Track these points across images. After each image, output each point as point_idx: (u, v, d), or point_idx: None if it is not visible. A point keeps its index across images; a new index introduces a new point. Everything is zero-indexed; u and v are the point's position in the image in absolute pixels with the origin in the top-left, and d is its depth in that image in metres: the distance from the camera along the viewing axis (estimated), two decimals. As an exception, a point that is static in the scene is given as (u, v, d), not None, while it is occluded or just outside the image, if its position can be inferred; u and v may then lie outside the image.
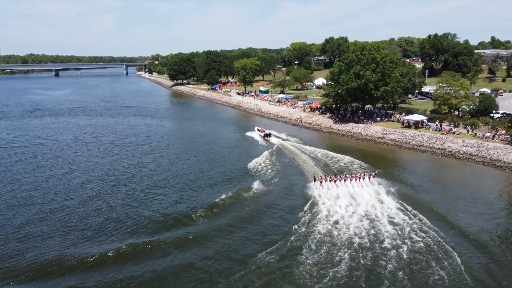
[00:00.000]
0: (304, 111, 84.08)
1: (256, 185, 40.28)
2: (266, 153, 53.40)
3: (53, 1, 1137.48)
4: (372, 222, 31.63)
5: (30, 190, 40.07)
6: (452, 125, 60.00)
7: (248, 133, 68.48)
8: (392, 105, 74.13)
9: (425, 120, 62.76)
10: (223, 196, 36.94)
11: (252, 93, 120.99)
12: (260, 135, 65.08)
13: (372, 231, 30.15)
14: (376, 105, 73.20)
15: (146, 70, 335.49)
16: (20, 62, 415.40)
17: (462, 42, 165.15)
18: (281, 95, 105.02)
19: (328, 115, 76.21)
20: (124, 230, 31.05)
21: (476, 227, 31.10)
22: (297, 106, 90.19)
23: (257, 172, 45.27)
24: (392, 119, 68.71)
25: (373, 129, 63.94)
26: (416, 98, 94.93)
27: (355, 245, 28.16)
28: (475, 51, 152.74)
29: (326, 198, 36.17)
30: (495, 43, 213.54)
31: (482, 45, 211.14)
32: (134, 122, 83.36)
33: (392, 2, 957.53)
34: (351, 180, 39.20)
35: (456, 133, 56.88)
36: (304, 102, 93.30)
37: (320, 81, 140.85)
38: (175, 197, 37.92)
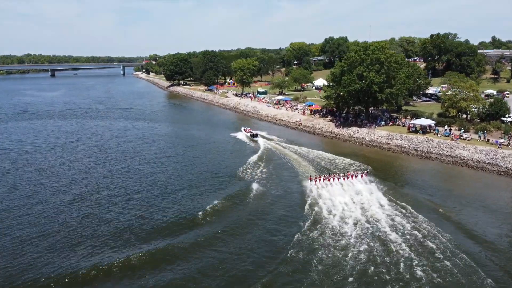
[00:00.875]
0: (303, 113, 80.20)
1: (254, 187, 40.06)
2: (260, 155, 52.87)
3: (51, 1, 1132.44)
4: (376, 223, 31.97)
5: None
6: (462, 130, 56.19)
7: (234, 134, 68.39)
8: (396, 107, 70.29)
9: (433, 125, 58.96)
10: (220, 200, 36.36)
11: (250, 95, 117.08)
12: (247, 135, 65.01)
13: (374, 230, 30.64)
14: (379, 108, 69.49)
15: (144, 70, 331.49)
16: (17, 62, 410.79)
17: (463, 42, 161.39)
18: (280, 97, 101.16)
19: (329, 118, 72.33)
20: (117, 241, 29.41)
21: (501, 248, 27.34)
22: (296, 109, 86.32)
23: (252, 175, 44.62)
24: (397, 123, 64.88)
25: (378, 134, 60.08)
26: (420, 100, 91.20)
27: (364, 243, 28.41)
28: (478, 51, 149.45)
29: (326, 196, 37.24)
30: (496, 43, 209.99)
31: (483, 45, 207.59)
32: (124, 126, 79.30)
33: (389, 2, 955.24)
34: (344, 178, 40.61)
35: (467, 139, 53.03)
36: (304, 104, 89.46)
37: (320, 82, 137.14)
38: (169, 203, 36.52)
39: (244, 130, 67.59)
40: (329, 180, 40.10)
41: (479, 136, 53.42)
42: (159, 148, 59.33)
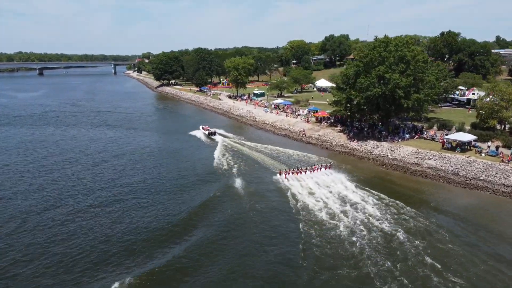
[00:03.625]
0: (307, 121, 67.88)
1: (231, 185, 39.82)
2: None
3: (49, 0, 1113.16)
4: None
5: None
6: (513, 147, 44.27)
7: (193, 132, 67.80)
8: (420, 116, 58.36)
9: (473, 141, 46.95)
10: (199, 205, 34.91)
11: (245, 97, 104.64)
12: (205, 133, 65.28)
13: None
14: (398, 116, 57.50)
15: (136, 69, 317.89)
16: (6, 60, 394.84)
17: (476, 40, 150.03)
18: (279, 100, 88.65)
19: (339, 128, 60.04)
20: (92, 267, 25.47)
21: None
22: (298, 115, 74.01)
23: (225, 175, 43.86)
24: (424, 135, 52.90)
25: (403, 151, 47.91)
26: (439, 105, 79.30)
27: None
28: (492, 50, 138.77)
29: (300, 187, 39.20)
30: (501, 42, 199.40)
31: (489, 45, 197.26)
32: (95, 135, 66.62)
33: (388, 1, 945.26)
34: (311, 171, 43.00)
35: (524, 160, 41.05)
36: (307, 109, 77.17)
37: (322, 82, 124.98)
38: (149, 214, 33.81)
39: (203, 128, 67.76)
40: (297, 173, 42.32)
41: (537, 157, 41.47)
42: (128, 164, 46.96)
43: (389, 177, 43.26)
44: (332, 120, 63.93)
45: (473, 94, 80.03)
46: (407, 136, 52.35)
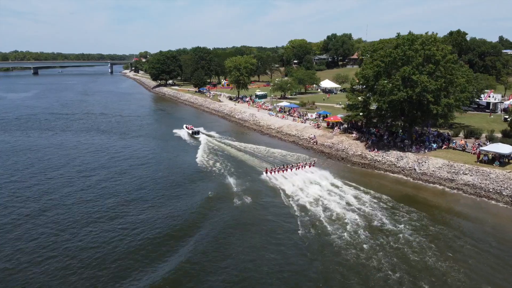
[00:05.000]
0: (317, 127, 61.88)
1: (216, 188, 38.64)
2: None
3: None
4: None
5: None
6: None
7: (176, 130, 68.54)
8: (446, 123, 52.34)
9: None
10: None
11: (247, 99, 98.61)
12: (188, 133, 65.48)
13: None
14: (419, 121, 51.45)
15: (132, 68, 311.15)
16: (0, 59, 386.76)
17: (486, 40, 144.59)
18: (285, 103, 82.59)
19: (354, 135, 54.05)
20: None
21: None
22: (306, 119, 68.04)
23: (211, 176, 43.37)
24: (453, 145, 46.99)
25: (432, 164, 41.94)
26: (463, 110, 73.30)
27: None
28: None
29: (290, 184, 39.18)
30: (505, 43, 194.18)
31: (499, 45, 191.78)
32: (84, 142, 60.27)
33: (386, 1, 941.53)
34: (296, 168, 43.27)
35: None
36: (316, 113, 71.19)
37: (326, 83, 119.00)
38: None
39: (186, 127, 67.82)
40: (283, 171, 42.57)
41: None
42: (118, 178, 40.75)
43: (425, 195, 37.14)
44: (345, 126, 57.96)
45: (490, 97, 74.57)
46: (434, 146, 46.41)
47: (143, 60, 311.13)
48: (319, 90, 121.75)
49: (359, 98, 52.18)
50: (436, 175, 40.25)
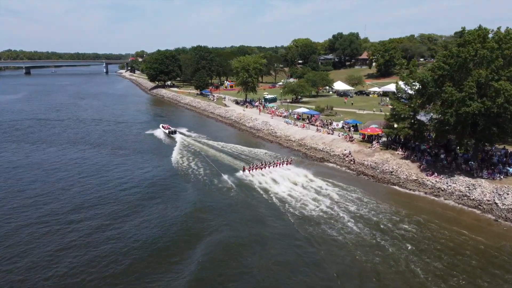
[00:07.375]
0: (349, 139, 51.83)
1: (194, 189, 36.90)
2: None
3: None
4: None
5: None
6: None
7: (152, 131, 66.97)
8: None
9: None
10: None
11: (257, 103, 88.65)
12: (165, 132, 64.67)
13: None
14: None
15: (129, 68, 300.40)
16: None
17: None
18: (303, 109, 72.43)
19: (401, 153, 44.12)
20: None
21: None
22: (333, 129, 58.16)
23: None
24: (532, 168, 37.20)
25: (519, 196, 32.17)
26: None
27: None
28: None
29: (269, 181, 39.18)
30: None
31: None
32: (68, 157, 50.05)
33: (384, 1, 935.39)
34: (274, 166, 43.57)
35: None
36: (342, 122, 61.32)
37: (339, 85, 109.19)
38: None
39: (163, 127, 66.94)
40: (261, 168, 42.59)
41: None
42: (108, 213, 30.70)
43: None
44: (386, 140, 48.08)
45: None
46: (511, 170, 36.63)
47: (140, 59, 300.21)
48: (330, 92, 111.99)
49: (407, 107, 42.32)
50: (531, 213, 30.48)
